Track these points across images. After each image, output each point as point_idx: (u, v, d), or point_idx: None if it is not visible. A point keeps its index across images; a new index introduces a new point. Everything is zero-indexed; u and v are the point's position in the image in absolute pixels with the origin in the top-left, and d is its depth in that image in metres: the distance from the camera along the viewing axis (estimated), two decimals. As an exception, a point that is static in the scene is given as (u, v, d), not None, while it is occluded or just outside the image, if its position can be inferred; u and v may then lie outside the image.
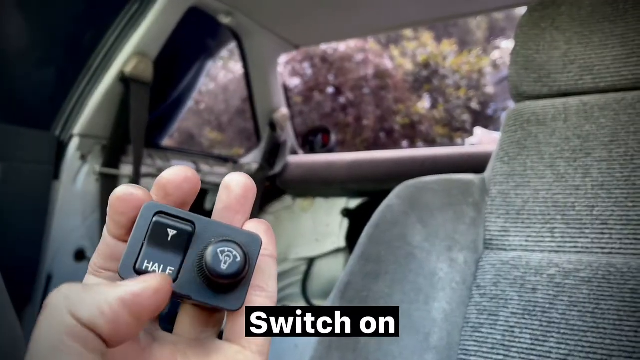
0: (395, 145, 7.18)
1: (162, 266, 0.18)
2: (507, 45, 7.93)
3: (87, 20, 1.07)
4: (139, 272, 0.18)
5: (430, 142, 7.25)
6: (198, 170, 1.34)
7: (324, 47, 6.76)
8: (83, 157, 1.02)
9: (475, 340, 0.47)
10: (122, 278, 0.18)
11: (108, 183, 1.06)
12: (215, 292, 0.19)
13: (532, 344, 0.44)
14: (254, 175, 1.51)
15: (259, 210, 1.52)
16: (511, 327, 0.45)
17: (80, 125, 1.01)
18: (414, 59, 7.59)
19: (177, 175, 0.19)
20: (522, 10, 0.61)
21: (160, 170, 1.22)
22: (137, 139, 1.05)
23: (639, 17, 0.52)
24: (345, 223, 1.46)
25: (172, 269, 0.18)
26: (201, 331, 0.21)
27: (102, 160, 1.05)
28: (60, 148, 1.00)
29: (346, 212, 1.46)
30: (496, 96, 7.83)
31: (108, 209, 0.19)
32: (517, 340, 0.44)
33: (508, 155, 0.55)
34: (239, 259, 0.18)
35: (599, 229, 0.47)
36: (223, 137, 6.82)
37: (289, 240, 1.55)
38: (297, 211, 1.56)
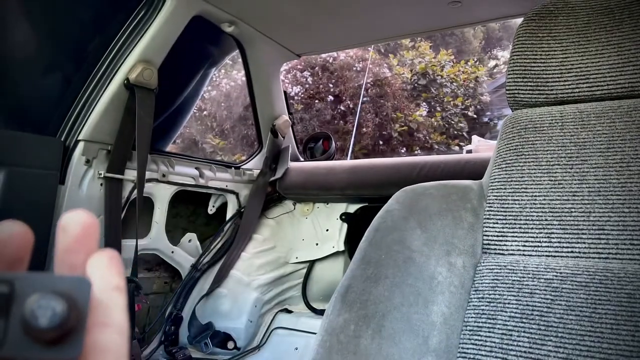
0: (394, 152, 7.19)
1: None
2: (503, 54, 7.98)
3: (93, 28, 1.08)
4: None
5: (428, 149, 7.26)
6: (200, 176, 1.35)
7: (324, 56, 6.79)
8: (88, 162, 1.03)
9: (473, 344, 0.47)
10: None
11: (113, 187, 1.07)
12: (49, 345, 0.18)
13: (529, 347, 0.44)
14: (255, 181, 1.53)
15: (260, 214, 1.53)
16: (509, 330, 0.46)
17: (85, 130, 1.02)
18: (412, 67, 7.64)
19: (1, 233, 0.18)
20: (519, 20, 0.63)
21: (164, 175, 1.23)
22: (142, 144, 1.06)
23: (635, 26, 0.53)
24: (345, 227, 1.47)
25: None
26: None
27: (107, 165, 1.06)
28: (66, 153, 1.00)
29: (345, 217, 1.47)
30: (492, 104, 7.87)
31: None
32: (515, 343, 0.45)
33: (505, 162, 0.56)
34: (58, 309, 0.17)
35: (595, 234, 0.48)
36: (225, 143, 6.84)
37: (289, 244, 1.56)
38: (297, 216, 1.57)
